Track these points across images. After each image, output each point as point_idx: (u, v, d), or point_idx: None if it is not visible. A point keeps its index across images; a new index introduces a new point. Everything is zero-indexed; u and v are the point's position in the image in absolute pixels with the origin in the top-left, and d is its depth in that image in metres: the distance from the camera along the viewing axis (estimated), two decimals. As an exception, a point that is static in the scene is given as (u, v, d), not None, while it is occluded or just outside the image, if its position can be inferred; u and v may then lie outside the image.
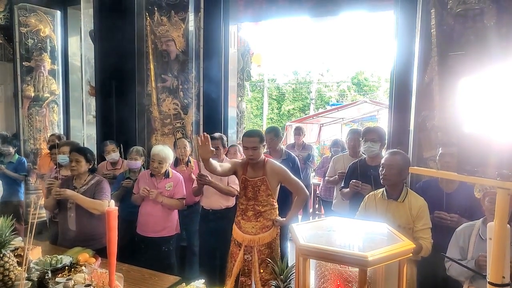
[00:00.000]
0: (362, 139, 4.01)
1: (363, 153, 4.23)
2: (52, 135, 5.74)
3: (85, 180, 3.56)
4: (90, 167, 3.59)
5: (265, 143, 3.48)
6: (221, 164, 3.52)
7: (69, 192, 3.40)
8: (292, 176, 3.45)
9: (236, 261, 3.36)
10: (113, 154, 4.68)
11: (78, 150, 3.60)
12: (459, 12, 3.60)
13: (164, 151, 3.93)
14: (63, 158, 4.19)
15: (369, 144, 3.84)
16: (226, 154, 4.79)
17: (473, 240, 2.64)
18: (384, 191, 3.10)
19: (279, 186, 3.50)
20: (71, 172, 3.59)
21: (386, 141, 4.07)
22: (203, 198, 4.23)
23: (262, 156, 3.43)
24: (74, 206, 3.48)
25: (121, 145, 4.78)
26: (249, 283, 3.32)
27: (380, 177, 3.09)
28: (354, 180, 3.80)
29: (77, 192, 3.46)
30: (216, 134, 4.26)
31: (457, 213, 3.07)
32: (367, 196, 3.24)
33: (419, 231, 2.90)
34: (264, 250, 3.32)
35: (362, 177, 3.78)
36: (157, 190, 3.85)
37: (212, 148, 3.23)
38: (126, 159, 4.59)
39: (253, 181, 3.37)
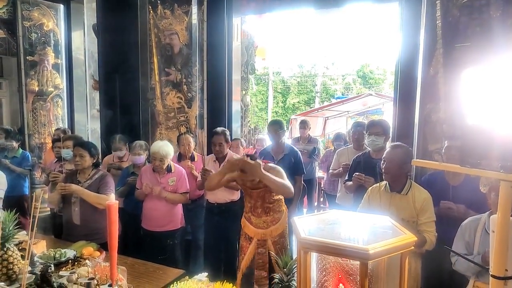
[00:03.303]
0: (366, 132, 4.00)
1: (367, 146, 4.21)
2: (57, 129, 5.76)
3: (89, 175, 3.56)
4: (94, 161, 3.60)
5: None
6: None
7: (74, 187, 3.41)
8: (284, 177, 3.28)
9: (245, 255, 3.35)
10: (119, 152, 4.72)
11: (82, 144, 3.60)
12: (465, 3, 3.56)
13: (164, 148, 3.90)
14: (67, 152, 4.19)
15: (373, 137, 3.83)
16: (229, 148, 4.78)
17: (479, 234, 2.60)
18: (387, 184, 3.08)
19: None
20: (75, 166, 3.60)
21: (391, 134, 4.04)
22: (208, 192, 4.23)
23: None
24: (79, 200, 3.49)
25: (128, 142, 4.80)
26: (265, 275, 3.29)
27: (382, 171, 3.08)
28: (357, 173, 3.79)
29: (82, 186, 3.47)
30: (219, 129, 4.23)
31: (464, 206, 3.05)
32: (370, 188, 3.23)
33: (423, 224, 2.88)
34: (278, 240, 3.30)
35: (366, 170, 3.77)
36: (160, 187, 3.86)
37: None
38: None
39: (256, 192, 3.28)
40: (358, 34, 48.06)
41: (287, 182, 3.15)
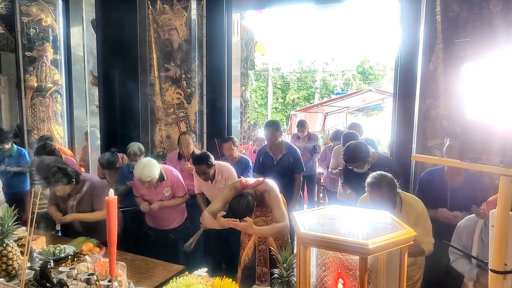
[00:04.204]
0: (346, 162, 3.84)
1: None
2: (41, 137, 5.76)
3: (77, 189, 3.47)
4: (75, 181, 3.39)
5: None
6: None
7: (70, 217, 3.43)
8: (279, 201, 3.16)
9: (245, 250, 3.34)
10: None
11: (52, 183, 3.32)
12: (465, -2, 3.55)
13: (145, 172, 3.70)
14: None
15: (356, 169, 3.73)
16: (221, 151, 4.71)
17: (476, 239, 2.59)
18: None
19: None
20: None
21: (372, 155, 3.76)
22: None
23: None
24: (75, 211, 3.48)
25: (117, 153, 4.82)
26: (266, 272, 3.29)
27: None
28: (348, 191, 3.84)
29: (74, 199, 3.45)
30: (200, 156, 3.98)
31: (463, 207, 2.98)
32: (361, 198, 3.10)
33: (420, 235, 2.75)
34: (279, 235, 3.29)
35: (358, 177, 3.68)
36: (157, 203, 3.87)
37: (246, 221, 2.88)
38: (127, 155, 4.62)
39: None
40: (358, 29, 48.05)
41: (281, 215, 3.02)
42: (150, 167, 3.72)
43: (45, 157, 4.24)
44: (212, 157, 3.94)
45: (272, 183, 3.19)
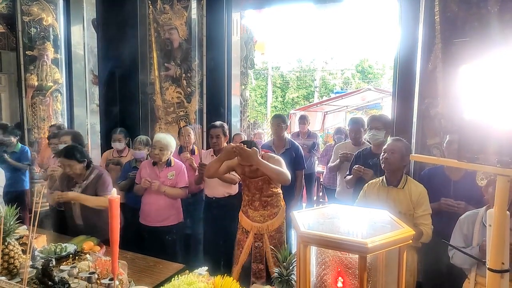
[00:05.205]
0: (367, 127, 4.02)
1: (368, 141, 4.24)
2: (52, 125, 5.74)
3: (85, 175, 3.52)
4: (85, 164, 3.50)
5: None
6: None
7: (71, 194, 3.42)
8: (283, 165, 3.33)
9: (243, 249, 3.36)
10: (118, 144, 4.70)
11: (66, 155, 3.45)
12: (463, -2, 3.57)
13: (166, 138, 3.94)
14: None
15: (374, 132, 3.86)
16: (231, 142, 4.78)
17: (477, 227, 2.63)
18: (384, 178, 3.12)
19: None
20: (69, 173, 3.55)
21: (392, 129, 4.06)
22: (206, 187, 4.25)
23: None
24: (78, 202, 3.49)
25: (129, 138, 4.82)
26: (262, 268, 3.32)
27: (381, 162, 3.11)
28: (357, 166, 3.82)
29: (79, 186, 3.47)
30: (217, 123, 4.27)
31: (464, 201, 3.06)
32: (367, 184, 3.26)
33: (419, 217, 2.93)
34: (274, 235, 3.32)
35: (366, 164, 3.79)
36: (158, 181, 3.85)
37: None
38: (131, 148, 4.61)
39: (255, 181, 3.33)
40: (357, 29, 48.07)
41: (284, 169, 3.18)
42: (170, 138, 4.00)
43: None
44: (227, 130, 4.31)
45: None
